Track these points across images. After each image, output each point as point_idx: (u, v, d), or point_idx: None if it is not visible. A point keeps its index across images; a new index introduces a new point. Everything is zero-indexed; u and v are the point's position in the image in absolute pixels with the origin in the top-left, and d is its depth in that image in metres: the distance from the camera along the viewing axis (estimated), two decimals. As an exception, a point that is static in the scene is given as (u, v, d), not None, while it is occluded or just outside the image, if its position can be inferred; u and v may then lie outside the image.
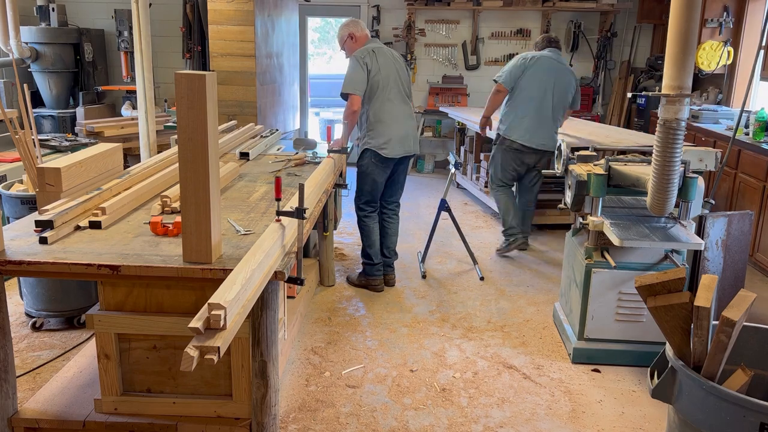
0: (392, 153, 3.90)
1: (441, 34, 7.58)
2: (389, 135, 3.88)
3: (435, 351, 3.34)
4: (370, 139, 3.91)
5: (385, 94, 3.85)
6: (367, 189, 4.01)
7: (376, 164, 3.93)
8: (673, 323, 2.08)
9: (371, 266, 4.09)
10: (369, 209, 4.07)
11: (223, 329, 1.65)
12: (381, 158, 3.90)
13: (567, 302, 3.49)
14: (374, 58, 3.80)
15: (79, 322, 3.45)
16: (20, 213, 3.35)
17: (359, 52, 3.82)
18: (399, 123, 3.91)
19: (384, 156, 3.89)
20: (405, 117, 3.96)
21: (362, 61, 3.77)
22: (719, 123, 5.61)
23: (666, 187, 2.74)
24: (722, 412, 1.89)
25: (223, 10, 5.14)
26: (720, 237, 3.47)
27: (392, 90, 3.88)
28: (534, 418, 2.78)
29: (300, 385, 2.98)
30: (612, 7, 7.22)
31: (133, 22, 3.79)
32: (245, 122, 4.87)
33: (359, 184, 4.05)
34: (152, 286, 2.22)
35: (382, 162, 3.92)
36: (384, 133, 3.87)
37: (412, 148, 4.01)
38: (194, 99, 1.90)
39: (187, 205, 2.00)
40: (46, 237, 2.17)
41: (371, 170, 3.95)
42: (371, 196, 4.03)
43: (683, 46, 2.59)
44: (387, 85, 3.85)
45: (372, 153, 3.91)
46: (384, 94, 3.85)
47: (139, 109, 3.93)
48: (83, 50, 6.65)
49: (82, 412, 2.34)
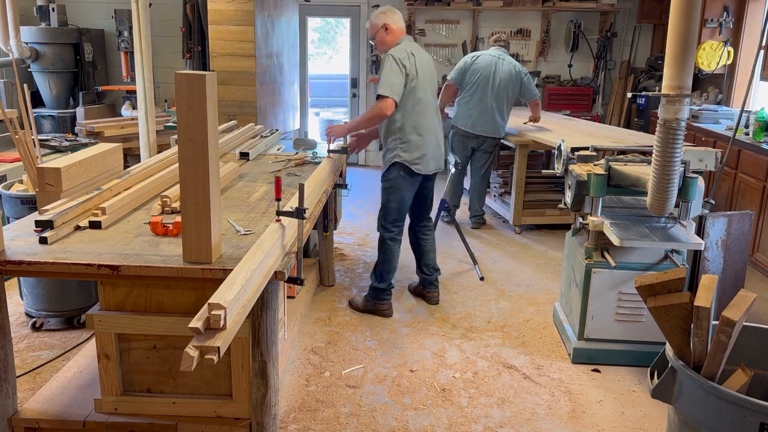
0: (426, 169, 3.61)
1: (441, 34, 7.58)
2: (425, 149, 3.57)
3: (435, 351, 3.34)
4: (402, 152, 3.55)
5: (422, 103, 3.55)
6: (395, 206, 3.64)
7: (406, 179, 3.59)
8: (673, 323, 2.08)
9: (382, 291, 3.72)
10: (396, 230, 3.69)
11: (223, 329, 1.65)
12: (412, 173, 3.59)
13: (567, 302, 3.49)
14: (413, 62, 3.48)
15: (79, 322, 3.45)
16: (20, 213, 3.35)
17: (398, 52, 3.46)
18: (434, 136, 3.63)
19: (416, 171, 3.58)
20: (439, 131, 3.70)
21: (401, 63, 3.43)
22: (719, 123, 5.61)
23: (666, 187, 2.74)
24: (722, 412, 1.89)
25: (223, 10, 5.14)
26: (720, 237, 3.47)
27: (428, 98, 3.59)
28: (534, 418, 2.78)
29: (300, 385, 2.98)
30: (612, 7, 7.22)
31: (133, 22, 3.79)
32: (245, 122, 4.87)
33: (386, 202, 3.67)
34: (152, 286, 2.22)
35: (413, 177, 3.61)
36: (420, 146, 3.55)
37: (443, 163, 3.76)
38: (194, 99, 1.90)
39: (187, 205, 2.00)
40: (46, 237, 2.17)
41: (400, 185, 3.60)
42: (398, 214, 3.67)
43: (683, 46, 2.59)
44: (425, 93, 3.56)
45: (402, 167, 3.57)
46: (421, 103, 3.54)
47: (139, 109, 3.93)
48: (83, 50, 6.65)
49: (82, 412, 2.34)
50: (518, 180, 5.23)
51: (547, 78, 7.65)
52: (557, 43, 7.62)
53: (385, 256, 3.70)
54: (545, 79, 7.64)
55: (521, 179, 5.23)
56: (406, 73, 3.45)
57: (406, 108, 3.52)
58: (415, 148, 3.55)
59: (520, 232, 5.37)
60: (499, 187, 5.76)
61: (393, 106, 3.43)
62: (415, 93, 3.51)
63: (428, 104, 3.59)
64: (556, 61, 7.67)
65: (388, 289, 3.75)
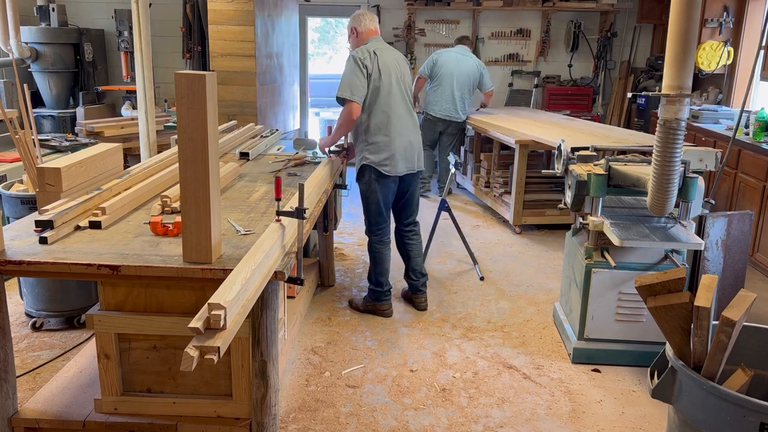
0: (394, 170, 3.50)
1: (441, 34, 7.58)
2: (391, 150, 3.47)
3: (435, 351, 3.34)
4: (369, 154, 3.49)
5: (387, 102, 3.45)
6: (374, 210, 3.59)
7: (378, 182, 3.52)
8: (673, 323, 2.08)
9: (380, 292, 3.70)
10: (380, 233, 3.65)
11: (223, 329, 1.65)
12: (383, 176, 3.51)
13: (567, 302, 3.49)
14: (375, 61, 3.41)
15: (79, 322, 3.45)
16: (20, 213, 3.35)
17: (359, 52, 3.44)
18: (402, 136, 3.50)
19: (384, 173, 3.50)
20: (409, 129, 3.55)
21: (361, 63, 3.38)
22: (719, 123, 5.61)
23: (666, 187, 2.74)
24: (722, 412, 1.89)
25: (223, 10, 5.14)
26: (720, 237, 3.47)
27: (395, 97, 3.48)
28: (534, 418, 2.78)
29: (300, 385, 2.98)
30: (612, 7, 7.21)
31: (133, 22, 3.79)
32: (245, 122, 4.87)
33: (365, 207, 3.63)
34: (152, 286, 2.22)
35: (384, 178, 3.52)
36: (386, 147, 3.46)
37: (417, 164, 3.62)
38: (194, 99, 1.90)
39: (187, 205, 2.00)
40: (46, 237, 2.17)
41: (374, 189, 3.53)
42: (380, 217, 3.60)
43: (683, 46, 2.59)
44: (390, 92, 3.45)
45: (372, 170, 3.50)
46: (386, 103, 3.45)
47: (139, 109, 3.93)
48: (83, 50, 6.65)
49: (82, 412, 2.34)
50: (518, 180, 5.23)
51: (547, 78, 7.65)
52: (557, 43, 7.62)
53: (375, 260, 3.69)
54: (545, 79, 7.64)
55: (521, 179, 5.23)
56: (368, 73, 3.39)
57: (370, 109, 3.45)
58: (381, 149, 3.47)
59: (520, 232, 5.37)
60: (499, 187, 5.76)
61: (359, 109, 3.39)
62: (379, 93, 3.43)
63: (395, 104, 3.48)
64: (556, 61, 7.66)
65: (387, 290, 3.73)
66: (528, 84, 7.70)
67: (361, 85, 3.38)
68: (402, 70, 3.57)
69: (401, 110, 3.52)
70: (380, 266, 3.68)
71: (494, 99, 7.78)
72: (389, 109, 3.47)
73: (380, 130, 3.47)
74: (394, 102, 3.48)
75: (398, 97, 3.51)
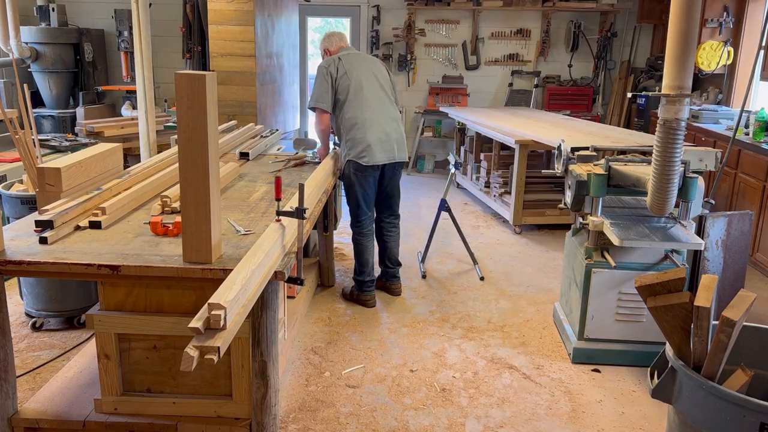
0: (372, 160, 3.61)
1: (441, 34, 7.58)
2: (367, 140, 3.60)
3: (435, 351, 3.34)
4: (349, 150, 3.65)
5: (358, 97, 3.62)
6: (353, 203, 3.74)
7: (357, 174, 3.65)
8: (673, 323, 2.08)
9: (362, 282, 3.85)
10: (359, 225, 3.79)
11: (223, 329, 1.65)
12: (362, 167, 3.63)
13: (567, 302, 3.49)
14: (340, 64, 3.63)
15: (79, 322, 3.45)
16: (20, 213, 3.35)
17: (324, 62, 3.69)
18: (377, 126, 3.63)
19: (364, 164, 3.62)
20: (385, 120, 3.68)
21: (326, 71, 3.62)
22: (719, 123, 5.61)
23: (666, 187, 2.74)
24: (722, 412, 1.89)
25: (223, 10, 5.14)
26: (720, 237, 3.47)
27: (367, 92, 3.64)
28: (534, 418, 2.78)
29: (300, 385, 2.98)
30: (612, 7, 7.22)
31: (133, 22, 3.80)
32: (245, 122, 4.87)
33: (347, 200, 3.78)
34: (152, 286, 2.22)
35: (363, 171, 3.64)
36: (361, 139, 3.60)
37: (397, 154, 3.72)
38: (194, 99, 1.90)
39: (187, 205, 2.00)
40: (46, 237, 2.17)
41: (353, 182, 3.67)
42: (359, 210, 3.75)
43: (683, 46, 2.59)
44: (359, 87, 3.62)
45: (352, 164, 3.64)
46: (357, 97, 3.62)
47: (139, 109, 3.94)
48: (83, 50, 6.65)
49: (82, 412, 2.34)
50: (518, 180, 5.23)
51: (547, 78, 7.66)
52: (557, 43, 7.62)
53: (356, 251, 3.86)
54: (545, 79, 7.65)
55: (521, 179, 5.23)
56: (334, 77, 3.62)
57: (342, 107, 3.66)
58: (358, 143, 3.63)
59: (520, 232, 5.37)
60: (499, 187, 5.76)
61: (327, 118, 3.66)
62: (348, 91, 3.63)
63: (369, 96, 3.66)
64: (556, 61, 7.67)
65: (369, 281, 3.85)
66: (528, 84, 7.70)
67: (326, 92, 3.63)
68: (373, 68, 3.74)
69: (374, 104, 3.68)
70: (360, 256, 3.84)
71: (495, 99, 7.81)
72: (361, 104, 3.64)
73: (354, 125, 3.64)
74: (365, 98, 3.65)
75: (369, 93, 3.68)
